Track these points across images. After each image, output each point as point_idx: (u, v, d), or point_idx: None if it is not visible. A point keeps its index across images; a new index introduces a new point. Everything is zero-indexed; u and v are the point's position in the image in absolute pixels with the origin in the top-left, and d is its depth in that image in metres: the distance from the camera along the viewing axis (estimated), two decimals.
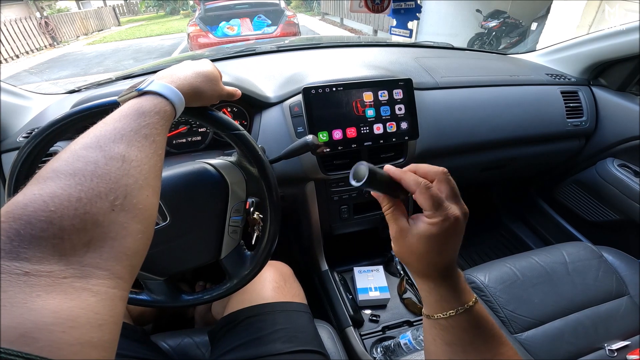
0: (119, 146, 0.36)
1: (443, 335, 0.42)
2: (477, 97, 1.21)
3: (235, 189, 0.68)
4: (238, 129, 0.60)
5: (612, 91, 1.33)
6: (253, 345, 0.73)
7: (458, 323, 0.42)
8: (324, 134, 0.99)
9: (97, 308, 0.27)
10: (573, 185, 1.48)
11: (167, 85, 0.47)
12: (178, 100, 0.48)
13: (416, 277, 0.45)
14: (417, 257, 0.42)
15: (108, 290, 0.29)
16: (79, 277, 0.28)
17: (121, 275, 0.31)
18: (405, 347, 0.94)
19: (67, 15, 14.74)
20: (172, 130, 1.04)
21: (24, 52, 11.21)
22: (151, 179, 0.38)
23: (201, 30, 6.22)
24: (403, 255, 0.44)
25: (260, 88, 1.06)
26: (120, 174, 0.34)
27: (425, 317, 0.44)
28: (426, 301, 0.44)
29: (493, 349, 0.42)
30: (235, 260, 0.72)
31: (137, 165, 0.37)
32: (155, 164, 0.40)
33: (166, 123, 0.45)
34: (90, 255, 0.29)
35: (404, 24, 0.86)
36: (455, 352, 0.42)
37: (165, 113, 0.45)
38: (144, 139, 0.40)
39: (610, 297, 0.99)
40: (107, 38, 14.30)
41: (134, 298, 0.73)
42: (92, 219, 0.30)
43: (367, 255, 1.36)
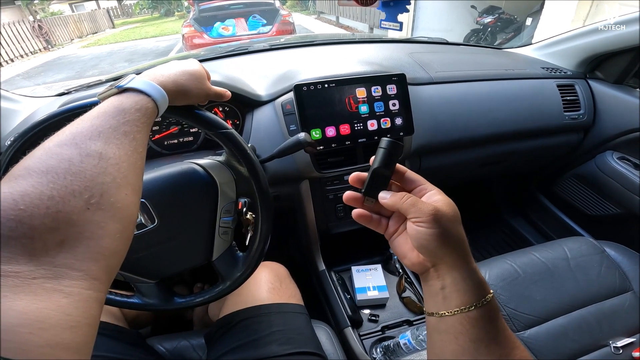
0: (96, 143, 0.35)
1: (469, 331, 0.39)
2: (472, 91, 1.20)
3: (224, 189, 0.66)
4: (225, 128, 0.59)
5: (609, 84, 1.32)
6: (249, 348, 0.72)
7: (486, 314, 0.40)
8: (317, 132, 0.98)
9: (69, 309, 0.26)
10: (573, 179, 1.47)
11: (149, 82, 0.46)
12: (160, 97, 0.46)
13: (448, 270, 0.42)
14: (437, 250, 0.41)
15: (82, 291, 0.28)
16: (50, 277, 0.27)
17: (97, 276, 0.30)
18: (405, 347, 0.93)
19: (61, 18, 14.72)
20: (164, 131, 1.03)
21: (19, 55, 11.18)
22: (131, 178, 0.37)
23: (196, 31, 6.20)
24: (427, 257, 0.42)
25: (252, 87, 1.05)
26: (96, 172, 0.33)
27: (449, 314, 0.41)
28: (459, 292, 0.41)
29: (511, 342, 0.41)
30: (228, 261, 0.71)
31: (116, 163, 0.35)
32: (135, 162, 0.39)
33: (148, 120, 0.43)
34: (63, 256, 0.28)
35: (393, 16, 0.84)
36: (478, 348, 0.39)
37: (147, 110, 0.43)
38: (124, 136, 0.38)
39: (614, 293, 0.97)
40: (102, 41, 14.28)
41: (126, 302, 0.72)
42: (65, 217, 0.29)
43: (365, 254, 1.34)
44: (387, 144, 0.45)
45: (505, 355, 0.39)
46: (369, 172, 0.46)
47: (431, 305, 0.43)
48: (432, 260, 0.42)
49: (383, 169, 0.45)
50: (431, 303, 0.43)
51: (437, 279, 0.42)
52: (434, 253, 0.41)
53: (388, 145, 0.45)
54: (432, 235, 0.40)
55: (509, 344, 0.40)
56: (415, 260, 0.44)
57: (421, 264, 0.43)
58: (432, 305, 0.43)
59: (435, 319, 0.42)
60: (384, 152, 0.44)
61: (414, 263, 0.44)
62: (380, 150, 0.45)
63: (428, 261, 0.42)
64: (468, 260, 0.41)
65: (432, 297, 0.43)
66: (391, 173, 0.45)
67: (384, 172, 0.45)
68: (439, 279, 0.42)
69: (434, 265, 0.42)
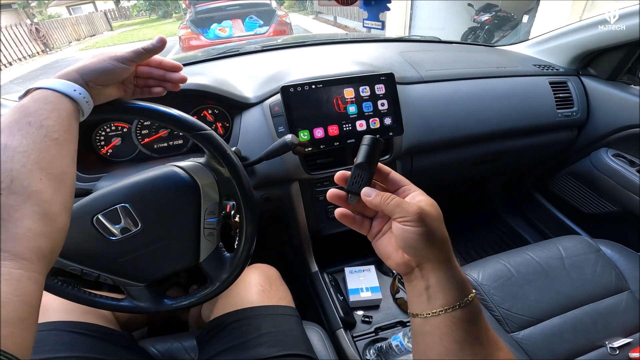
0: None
1: (454, 332, 0.40)
2: (463, 90, 1.19)
3: (207, 190, 0.66)
4: (203, 129, 0.58)
5: (602, 81, 1.31)
6: (238, 350, 0.73)
7: (469, 313, 0.40)
8: (305, 133, 0.97)
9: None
10: (568, 177, 1.46)
11: (43, 79, 0.46)
12: (56, 83, 0.46)
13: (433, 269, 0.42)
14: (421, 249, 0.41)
15: (11, 270, 0.30)
16: None
17: (25, 257, 0.32)
18: (397, 348, 0.92)
19: (58, 21, 14.73)
20: (153, 135, 1.02)
21: (17, 59, 11.19)
22: (44, 163, 0.39)
23: (192, 32, 6.20)
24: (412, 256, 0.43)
25: (239, 89, 1.04)
26: (2, 160, 0.36)
27: (434, 315, 0.41)
28: (443, 292, 0.41)
29: (494, 343, 0.41)
30: (215, 263, 0.71)
31: (24, 150, 0.37)
32: (49, 148, 0.40)
33: (55, 107, 0.44)
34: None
35: (375, 15, 0.84)
36: (463, 349, 0.39)
37: (46, 98, 0.44)
38: (28, 125, 0.40)
39: (610, 292, 0.96)
40: (100, 43, 14.31)
41: (116, 305, 0.72)
42: None
43: (358, 254, 1.34)
44: (368, 140, 0.45)
45: (489, 355, 0.40)
46: (352, 169, 0.46)
47: (416, 306, 0.43)
48: (417, 259, 0.42)
49: (365, 164, 0.45)
50: (415, 304, 0.43)
51: (422, 278, 0.42)
52: (420, 252, 0.41)
53: (369, 142, 0.45)
54: (418, 234, 0.40)
55: (492, 344, 0.41)
56: (400, 261, 0.44)
57: (406, 264, 0.43)
58: (417, 306, 0.43)
59: (420, 320, 0.42)
60: (366, 149, 0.45)
61: (398, 263, 0.44)
62: (363, 147, 0.46)
63: (413, 261, 0.42)
64: (451, 260, 0.42)
65: (416, 297, 0.43)
66: (373, 169, 0.46)
67: (366, 167, 0.45)
68: (423, 278, 0.42)
69: (418, 265, 0.42)
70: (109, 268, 0.66)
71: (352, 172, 0.46)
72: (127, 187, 0.63)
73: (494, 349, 0.40)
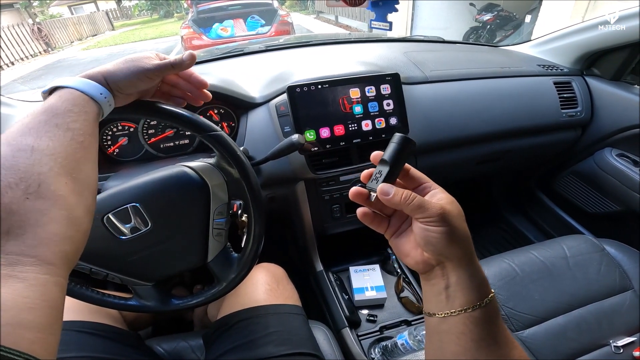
0: (27, 138, 0.37)
1: (472, 331, 0.39)
2: (467, 90, 1.19)
3: (216, 191, 0.66)
4: (214, 130, 0.58)
5: (606, 81, 1.31)
6: (245, 349, 0.73)
7: (488, 313, 0.40)
8: (311, 133, 0.97)
9: (26, 293, 0.29)
10: (572, 177, 1.46)
11: (69, 77, 0.46)
12: (85, 85, 0.45)
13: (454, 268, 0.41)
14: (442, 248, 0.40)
15: (37, 276, 0.30)
16: (4, 265, 0.29)
17: (51, 261, 0.32)
18: (402, 347, 0.93)
19: (60, 20, 14.75)
20: (159, 134, 1.03)
21: (19, 58, 11.20)
22: (70, 167, 0.38)
23: (194, 32, 6.20)
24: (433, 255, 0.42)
25: (245, 89, 1.05)
26: (30, 163, 0.35)
27: (453, 314, 0.40)
28: (463, 291, 0.40)
29: (510, 342, 0.41)
30: (223, 263, 0.71)
31: (51, 153, 0.37)
32: (75, 151, 0.40)
33: (82, 109, 0.43)
34: (12, 244, 0.30)
35: (383, 16, 0.84)
36: (480, 348, 0.39)
37: (74, 100, 0.43)
38: (55, 127, 0.39)
39: (614, 291, 0.96)
40: (102, 43, 14.32)
41: (124, 304, 0.72)
42: (6, 208, 0.31)
43: (363, 254, 1.34)
44: (397, 139, 0.44)
45: (505, 355, 0.39)
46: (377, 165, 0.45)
47: (433, 305, 0.42)
48: (437, 258, 0.41)
49: (387, 161, 0.43)
50: (433, 303, 0.43)
51: (442, 277, 0.41)
52: (441, 251, 0.40)
53: (398, 140, 0.44)
54: (441, 233, 0.39)
55: (508, 343, 0.40)
56: (419, 259, 0.43)
57: (425, 263, 0.42)
58: (434, 305, 0.42)
59: (436, 319, 0.42)
60: (394, 147, 0.44)
61: (417, 262, 0.43)
62: (391, 144, 0.44)
63: (433, 259, 0.41)
64: (473, 258, 0.41)
65: (434, 296, 0.42)
66: (398, 168, 0.44)
67: (388, 164, 0.43)
68: (443, 277, 0.41)
69: (438, 263, 0.41)
70: (117, 267, 0.66)
71: (376, 168, 0.45)
72: (137, 186, 0.63)
73: (509, 348, 0.40)
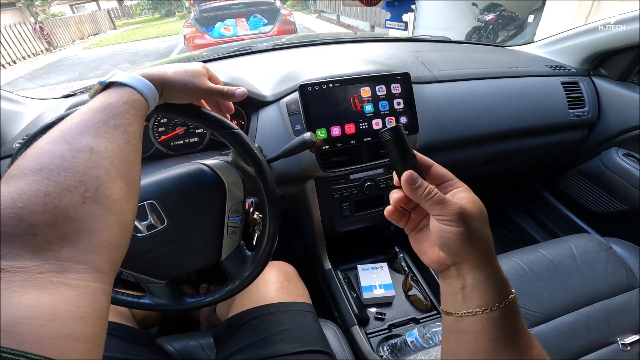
0: (86, 138, 0.35)
1: (489, 331, 0.38)
2: (476, 89, 1.19)
3: (232, 189, 0.66)
4: (232, 128, 0.59)
5: (613, 81, 1.32)
6: (258, 347, 0.73)
7: (507, 313, 0.39)
8: (322, 131, 0.98)
9: (77, 302, 0.27)
10: (578, 176, 1.47)
11: (133, 75, 0.46)
12: (146, 88, 0.46)
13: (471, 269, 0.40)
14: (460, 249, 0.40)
15: (88, 284, 0.29)
16: (56, 271, 0.27)
17: (101, 269, 0.31)
18: (412, 345, 0.93)
19: (62, 19, 14.74)
20: (169, 132, 1.03)
21: (21, 57, 11.20)
22: (124, 170, 0.37)
23: (197, 31, 6.21)
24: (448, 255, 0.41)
25: (257, 87, 1.05)
26: (88, 166, 0.33)
27: (469, 315, 0.39)
28: (480, 292, 0.39)
29: (529, 340, 0.40)
30: (236, 261, 0.71)
31: (108, 156, 0.36)
32: (129, 155, 0.39)
33: (138, 112, 0.43)
34: (67, 250, 0.29)
35: (398, 16, 0.84)
36: (497, 348, 0.38)
37: (134, 102, 0.43)
38: (114, 129, 0.38)
39: (621, 290, 0.97)
40: (103, 42, 14.32)
41: (137, 302, 0.72)
42: (63, 212, 0.30)
43: (370, 252, 1.35)
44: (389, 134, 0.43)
45: (524, 354, 0.38)
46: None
47: (449, 304, 0.42)
48: (453, 259, 0.40)
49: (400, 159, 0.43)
50: (449, 302, 0.42)
51: (458, 277, 0.41)
52: (457, 252, 0.39)
53: (391, 135, 0.43)
54: (457, 234, 0.38)
55: (527, 342, 0.39)
56: (435, 258, 0.42)
57: (441, 262, 0.42)
58: (451, 304, 0.42)
59: (453, 318, 0.41)
60: (390, 143, 0.43)
61: (433, 260, 0.43)
62: (387, 143, 0.43)
63: (449, 259, 0.41)
64: (492, 260, 0.40)
65: (451, 296, 0.42)
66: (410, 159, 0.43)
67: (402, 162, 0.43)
68: (459, 278, 0.40)
69: (454, 263, 0.41)
70: (132, 265, 0.66)
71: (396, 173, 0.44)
72: (154, 183, 0.63)
73: (528, 346, 0.39)
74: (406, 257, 1.28)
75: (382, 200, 1.19)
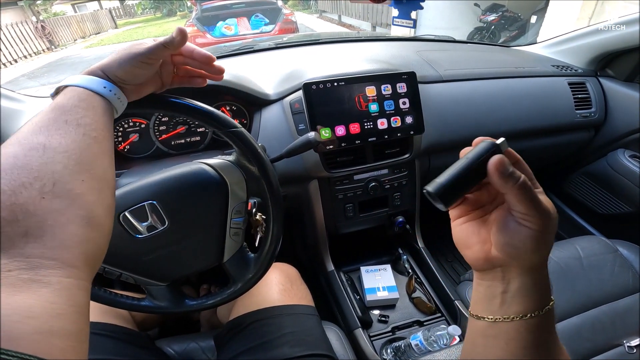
0: (38, 137, 0.35)
1: (524, 338, 0.36)
2: (482, 89, 1.19)
3: (235, 189, 0.65)
4: (235, 127, 0.57)
5: (620, 82, 1.32)
6: (260, 350, 0.72)
7: (544, 321, 0.36)
8: (326, 131, 0.97)
9: (52, 298, 0.27)
10: (583, 177, 1.46)
11: (72, 76, 0.45)
12: (87, 81, 0.44)
13: (520, 273, 0.36)
14: (524, 251, 0.35)
15: (61, 279, 0.29)
16: (25, 269, 0.27)
17: (73, 264, 0.31)
18: (416, 348, 0.92)
19: (63, 18, 14.72)
20: (171, 131, 1.02)
21: (22, 56, 11.21)
22: (85, 164, 0.37)
23: (198, 30, 6.21)
24: (508, 257, 0.37)
25: (260, 85, 1.04)
26: (43, 162, 0.33)
27: (504, 321, 0.37)
28: (524, 298, 0.36)
29: (559, 348, 0.38)
30: (239, 263, 0.70)
31: (64, 150, 0.35)
32: (89, 147, 0.38)
33: (89, 105, 0.42)
34: (32, 246, 0.29)
35: (406, 14, 0.83)
36: (527, 355, 0.36)
37: (79, 95, 0.42)
38: (65, 124, 0.38)
39: (627, 292, 0.96)
40: (105, 41, 14.32)
41: (137, 305, 0.71)
42: (22, 209, 0.30)
43: (374, 254, 1.33)
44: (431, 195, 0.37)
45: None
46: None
47: (483, 308, 0.39)
48: (509, 260, 0.36)
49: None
50: (484, 306, 0.39)
51: (501, 280, 0.37)
52: (520, 254, 0.35)
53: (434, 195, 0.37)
54: (534, 238, 0.34)
55: (557, 350, 0.38)
56: (482, 255, 0.38)
57: (488, 261, 0.38)
58: (484, 308, 0.39)
59: (484, 323, 0.38)
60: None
61: (478, 258, 0.39)
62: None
63: (502, 260, 0.37)
64: (544, 266, 0.37)
65: (487, 299, 0.39)
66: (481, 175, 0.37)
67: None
68: (503, 281, 0.37)
69: (505, 265, 0.37)
70: (132, 267, 0.65)
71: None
72: (155, 183, 0.62)
73: (558, 354, 0.37)
74: (410, 259, 1.26)
75: (387, 201, 1.18)
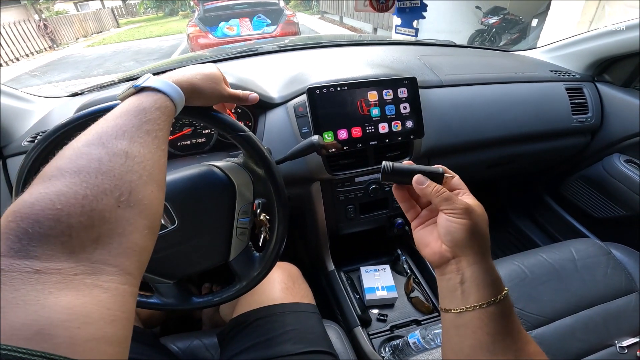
0: (122, 142, 0.36)
1: (487, 325, 0.41)
2: (481, 94, 1.20)
3: (242, 190, 0.67)
4: (243, 130, 0.60)
5: (616, 87, 1.33)
6: (263, 347, 0.73)
7: (502, 308, 0.42)
8: (329, 134, 0.99)
9: (109, 304, 0.27)
10: (579, 182, 1.48)
11: (165, 81, 0.47)
12: (177, 95, 0.47)
13: (469, 263, 0.43)
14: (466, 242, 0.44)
15: (118, 286, 0.29)
16: (89, 273, 0.28)
17: (130, 271, 0.31)
18: (414, 346, 0.94)
19: (66, 17, 14.74)
20: (177, 132, 1.04)
21: (24, 54, 11.22)
22: (155, 175, 0.38)
23: (201, 30, 6.22)
24: (452, 247, 0.45)
25: (264, 88, 1.06)
26: (124, 170, 0.34)
27: (467, 310, 0.42)
28: (478, 287, 0.42)
29: (525, 336, 0.42)
30: (244, 262, 0.72)
31: (141, 161, 0.36)
32: (159, 160, 0.40)
33: (167, 119, 0.44)
34: (99, 252, 0.29)
35: (409, 22, 0.85)
36: (495, 342, 0.41)
37: (165, 109, 0.44)
38: (146, 134, 0.39)
39: (620, 293, 0.98)
40: (107, 40, 14.32)
41: (145, 302, 0.73)
42: (99, 215, 0.30)
43: (373, 254, 1.36)
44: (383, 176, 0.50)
45: (521, 348, 0.41)
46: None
47: (448, 301, 0.45)
48: (454, 251, 0.44)
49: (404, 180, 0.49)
50: (449, 299, 0.45)
51: (457, 272, 0.44)
52: (460, 243, 0.43)
53: (385, 175, 0.50)
54: (463, 226, 0.43)
55: (522, 337, 0.42)
56: (437, 250, 0.46)
57: (441, 255, 0.45)
58: (449, 301, 0.44)
59: (452, 315, 0.44)
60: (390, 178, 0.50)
61: (434, 252, 0.46)
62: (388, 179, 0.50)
63: (450, 252, 0.44)
64: (488, 256, 0.44)
65: (449, 292, 0.44)
66: (408, 176, 0.49)
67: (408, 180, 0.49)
68: (458, 272, 0.44)
69: (454, 256, 0.44)
70: None
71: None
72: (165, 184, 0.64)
73: (524, 341, 0.42)
74: (408, 260, 1.29)
75: (387, 202, 1.20)
